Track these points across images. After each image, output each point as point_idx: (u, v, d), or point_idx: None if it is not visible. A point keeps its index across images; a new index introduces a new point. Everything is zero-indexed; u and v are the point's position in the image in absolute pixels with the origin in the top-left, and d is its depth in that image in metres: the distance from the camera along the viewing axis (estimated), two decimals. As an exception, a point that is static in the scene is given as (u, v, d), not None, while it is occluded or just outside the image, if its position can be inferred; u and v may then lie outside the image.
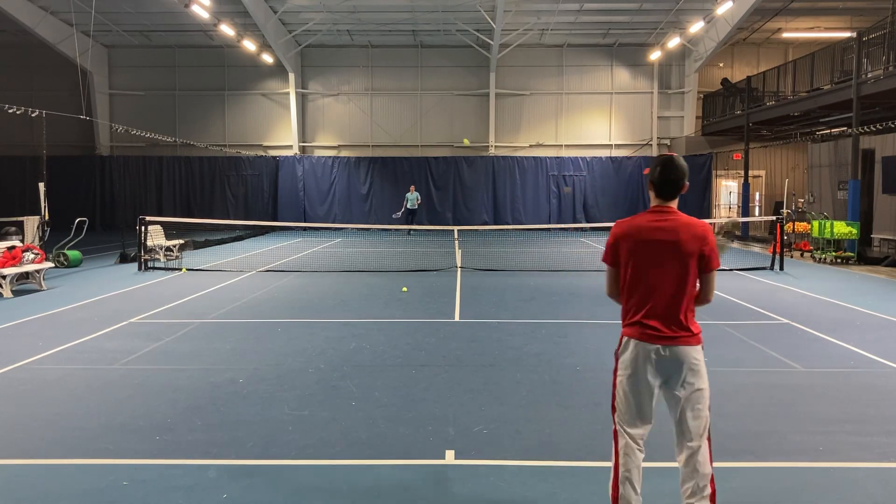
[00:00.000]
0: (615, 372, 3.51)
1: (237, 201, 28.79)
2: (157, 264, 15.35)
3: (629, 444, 3.43)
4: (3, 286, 11.19)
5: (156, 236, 16.31)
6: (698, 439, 3.35)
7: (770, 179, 29.23)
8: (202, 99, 29.59)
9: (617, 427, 3.49)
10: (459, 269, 14.65)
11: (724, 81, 26.29)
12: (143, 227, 14.81)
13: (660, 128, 29.30)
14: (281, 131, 29.52)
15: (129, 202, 28.15)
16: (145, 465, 4.41)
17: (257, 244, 21.60)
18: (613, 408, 3.51)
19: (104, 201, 28.59)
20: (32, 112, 15.55)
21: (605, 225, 26.39)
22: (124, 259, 16.02)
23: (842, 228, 16.53)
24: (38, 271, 11.98)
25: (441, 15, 24.88)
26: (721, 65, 29.10)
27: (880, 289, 12.40)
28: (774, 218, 15.86)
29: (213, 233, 24.36)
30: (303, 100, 29.43)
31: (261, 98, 29.60)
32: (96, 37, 27.60)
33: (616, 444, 3.48)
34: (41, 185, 15.00)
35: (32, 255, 12.01)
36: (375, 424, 5.17)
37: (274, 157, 28.88)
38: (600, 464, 4.42)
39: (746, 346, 7.75)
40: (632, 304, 3.46)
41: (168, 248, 16.72)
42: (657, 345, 3.35)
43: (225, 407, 5.56)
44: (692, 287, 3.40)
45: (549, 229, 27.18)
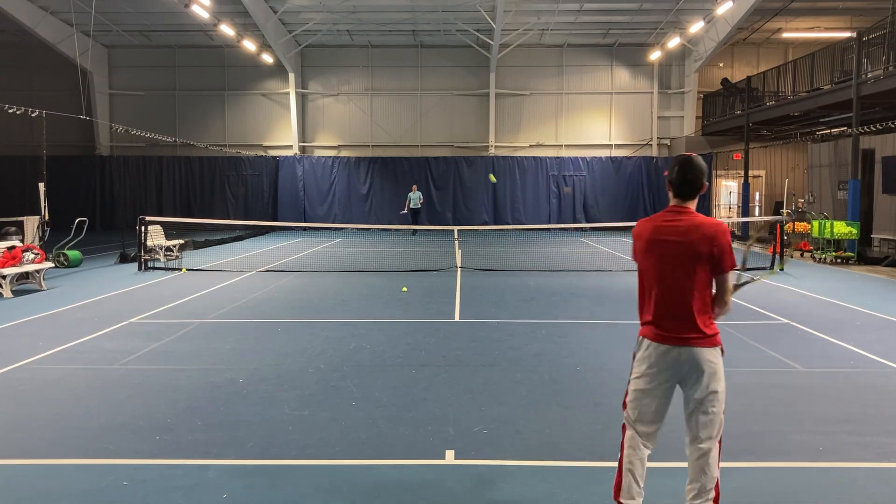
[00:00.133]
0: (631, 369, 3.55)
1: (237, 201, 28.79)
2: (157, 264, 15.35)
3: (634, 437, 3.46)
4: (3, 286, 11.19)
5: (156, 236, 16.31)
6: (708, 441, 3.35)
7: (770, 179, 29.21)
8: (202, 99, 29.58)
9: (625, 421, 3.52)
10: (459, 269, 14.65)
11: (724, 81, 26.28)
12: (143, 227, 14.81)
13: (660, 128, 29.29)
14: (281, 131, 29.51)
15: (129, 202, 28.15)
16: (145, 465, 4.41)
17: (257, 244, 21.60)
18: (624, 403, 3.54)
19: (104, 201, 28.59)
20: (32, 112, 15.54)
21: (606, 225, 26.49)
22: (124, 259, 16.02)
23: (842, 228, 16.53)
24: (38, 271, 11.98)
25: (441, 15, 24.87)
26: (721, 65, 29.09)
27: (880, 289, 12.40)
28: (774, 218, 15.85)
29: (213, 233, 24.35)
30: (303, 100, 29.42)
31: (261, 98, 29.59)
32: (96, 37, 27.60)
33: (623, 435, 3.52)
34: (41, 185, 15.00)
35: (32, 255, 12.01)
36: (375, 424, 5.17)
37: (274, 157, 28.87)
38: (600, 464, 4.42)
39: (746, 346, 7.75)
40: (646, 304, 3.47)
41: (168, 248, 16.72)
42: (669, 345, 3.36)
43: (225, 407, 5.56)
44: (705, 288, 3.37)
45: (549, 229, 27.17)
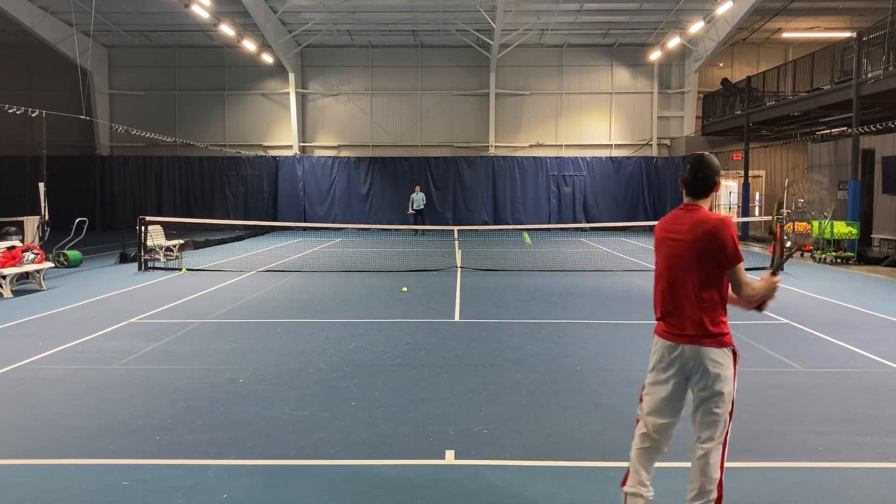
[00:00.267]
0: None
1: (237, 201, 28.79)
2: (157, 264, 15.34)
3: (646, 431, 3.50)
4: (3, 286, 11.19)
5: (156, 236, 16.31)
6: (709, 442, 3.34)
7: (770, 179, 29.22)
8: (202, 99, 29.58)
9: (638, 412, 3.57)
10: (459, 269, 14.65)
11: (724, 81, 26.28)
12: (143, 227, 14.81)
13: (660, 128, 29.29)
14: (281, 131, 29.50)
15: (129, 202, 28.13)
16: (145, 465, 4.41)
17: (257, 244, 21.60)
18: (641, 396, 3.58)
19: (104, 201, 28.59)
20: (32, 112, 15.54)
21: (605, 225, 26.51)
22: (124, 259, 16.02)
23: (842, 228, 16.52)
24: (38, 271, 11.98)
25: (441, 15, 24.87)
26: (721, 65, 29.09)
27: (880, 289, 12.40)
28: (774, 218, 15.85)
29: (213, 233, 24.35)
30: (303, 100, 29.42)
31: (261, 98, 29.59)
32: (96, 37, 27.59)
33: (636, 426, 3.57)
34: (41, 185, 14.99)
35: (32, 255, 12.01)
36: (375, 424, 5.17)
37: (274, 157, 28.86)
38: (600, 464, 4.42)
39: (746, 346, 7.74)
40: (657, 301, 3.51)
41: (168, 248, 16.72)
42: (674, 342, 3.38)
43: (225, 407, 5.56)
44: (712, 285, 3.34)
45: (549, 229, 27.17)
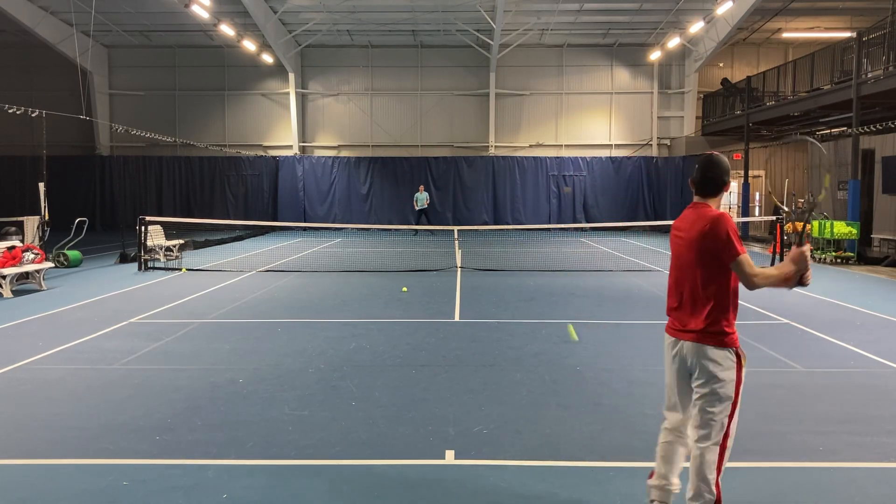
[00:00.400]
0: None
1: (237, 201, 28.79)
2: (157, 264, 15.35)
3: (665, 425, 3.60)
4: (3, 286, 11.19)
5: (156, 236, 16.31)
6: (705, 441, 3.31)
7: (770, 179, 29.22)
8: (202, 99, 29.58)
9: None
10: (459, 269, 14.65)
11: (724, 81, 26.28)
12: (143, 227, 14.81)
13: (660, 128, 29.29)
14: (281, 131, 29.51)
15: (129, 202, 28.16)
16: (145, 465, 4.41)
17: (257, 244, 21.60)
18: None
19: (104, 201, 28.60)
20: (32, 112, 15.54)
21: (605, 225, 26.51)
22: (124, 259, 16.02)
23: (842, 228, 16.53)
24: (38, 271, 11.98)
25: (441, 15, 24.87)
26: (721, 65, 29.10)
27: (880, 289, 12.40)
28: (774, 218, 15.86)
29: (213, 233, 24.36)
30: (303, 100, 29.42)
31: (261, 98, 29.59)
32: (96, 37, 27.60)
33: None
34: (41, 185, 15.00)
35: (32, 255, 12.01)
36: (375, 424, 5.17)
37: (274, 157, 28.87)
38: (600, 464, 4.43)
39: (746, 345, 7.73)
40: (667, 297, 3.59)
41: (168, 248, 16.72)
42: (675, 338, 3.44)
43: (225, 407, 5.56)
44: (712, 283, 3.31)
45: (549, 229, 27.17)
